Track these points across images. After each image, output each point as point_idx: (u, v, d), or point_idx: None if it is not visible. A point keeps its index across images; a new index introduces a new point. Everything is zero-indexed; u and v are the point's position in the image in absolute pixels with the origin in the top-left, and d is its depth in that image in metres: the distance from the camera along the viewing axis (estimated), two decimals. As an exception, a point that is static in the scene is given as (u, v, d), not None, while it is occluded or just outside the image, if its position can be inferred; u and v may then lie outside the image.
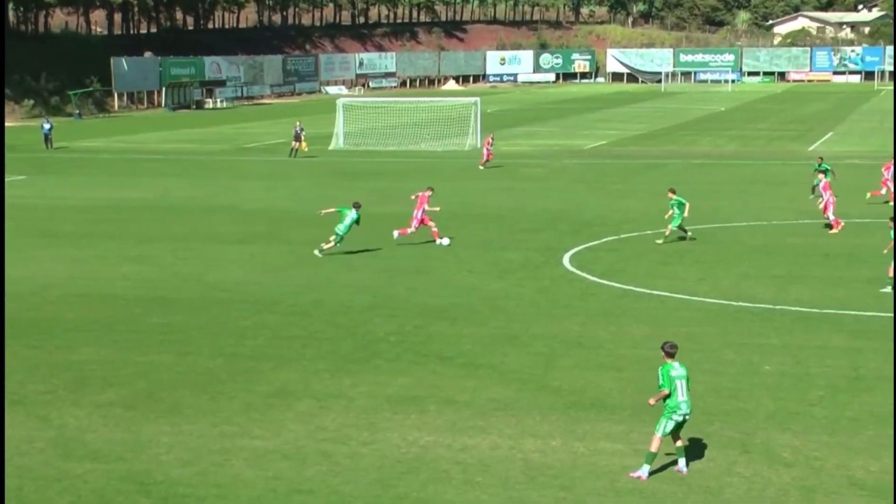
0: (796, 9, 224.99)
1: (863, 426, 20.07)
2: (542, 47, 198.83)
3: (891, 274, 30.83)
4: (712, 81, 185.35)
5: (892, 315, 27.73)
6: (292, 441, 19.59)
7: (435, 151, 74.78)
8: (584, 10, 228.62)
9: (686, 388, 18.18)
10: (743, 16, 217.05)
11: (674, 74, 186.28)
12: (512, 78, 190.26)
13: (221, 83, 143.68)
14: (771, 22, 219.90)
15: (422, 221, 38.77)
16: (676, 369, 18.17)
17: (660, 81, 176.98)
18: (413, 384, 22.94)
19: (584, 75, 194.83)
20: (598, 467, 18.41)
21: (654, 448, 18.14)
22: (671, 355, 18.24)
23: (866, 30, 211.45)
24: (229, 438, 19.73)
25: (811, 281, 32.61)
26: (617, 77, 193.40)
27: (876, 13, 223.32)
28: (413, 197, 39.88)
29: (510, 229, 42.54)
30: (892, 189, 47.91)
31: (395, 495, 17.28)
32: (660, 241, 38.59)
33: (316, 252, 37.04)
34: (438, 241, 38.87)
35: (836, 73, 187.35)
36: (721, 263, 35.35)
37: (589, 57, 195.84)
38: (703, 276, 33.37)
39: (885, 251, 32.70)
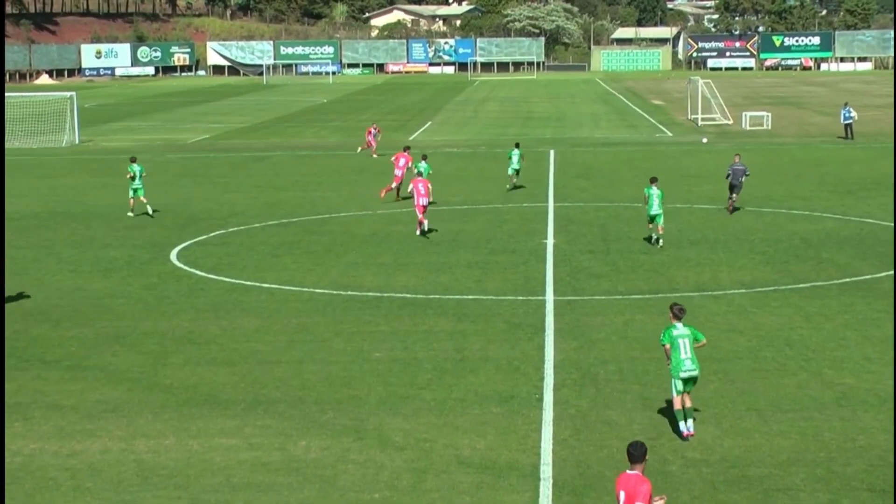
0: (391, 2, 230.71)
1: (468, 406, 20.79)
2: (140, 40, 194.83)
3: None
4: (314, 73, 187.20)
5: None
6: None
7: (30, 148, 71.91)
8: (182, 3, 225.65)
9: (689, 348, 19.06)
10: (340, 8, 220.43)
11: (275, 67, 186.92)
12: (109, 72, 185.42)
13: None
14: (367, 15, 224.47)
15: None
16: (679, 329, 19.16)
17: (262, 74, 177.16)
18: (15, 390, 21.96)
19: (184, 68, 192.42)
20: (213, 464, 18.22)
21: (677, 406, 19.04)
22: (677, 317, 19.20)
23: (458, 22, 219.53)
24: None
25: (416, 267, 33.48)
26: (218, 70, 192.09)
27: (466, 6, 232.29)
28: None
29: (113, 226, 41.48)
30: None
31: (0, 509, 16.47)
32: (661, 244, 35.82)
33: None
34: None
35: (431, 64, 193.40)
36: (330, 253, 35.76)
37: (189, 50, 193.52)
38: (313, 267, 33.65)
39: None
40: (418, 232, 38.18)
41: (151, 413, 20.71)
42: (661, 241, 35.61)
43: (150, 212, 43.18)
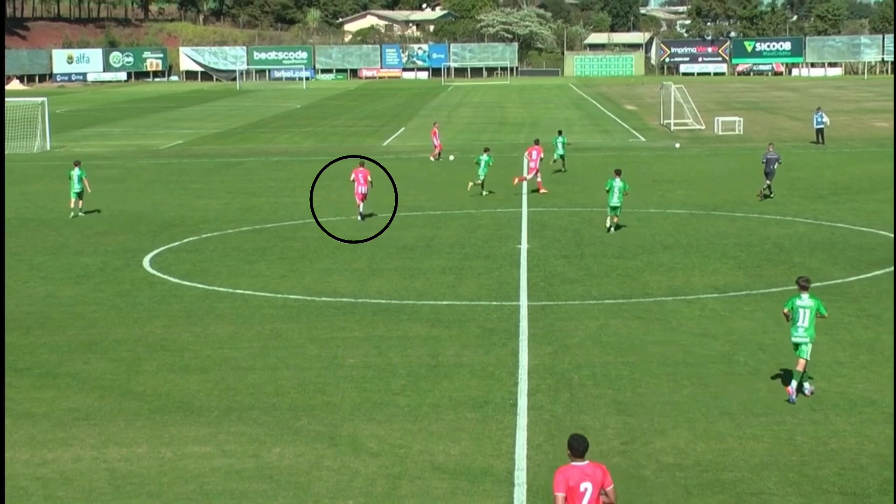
0: (364, 7, 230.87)
1: (443, 412, 20.77)
2: (112, 45, 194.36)
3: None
4: (287, 79, 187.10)
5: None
6: None
7: (2, 154, 71.54)
8: (154, 8, 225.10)
9: (809, 318, 20.85)
10: (313, 14, 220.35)
11: (249, 72, 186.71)
12: (81, 77, 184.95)
13: None
14: (341, 20, 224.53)
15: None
16: (803, 300, 20.97)
17: (235, 79, 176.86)
18: (-13, 399, 21.83)
19: (157, 74, 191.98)
20: (186, 471, 18.15)
21: (798, 367, 21.01)
22: (804, 288, 21.04)
23: (431, 28, 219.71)
24: None
25: (390, 273, 33.45)
26: (191, 75, 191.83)
27: (439, 12, 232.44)
28: None
29: (85, 233, 41.30)
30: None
31: (-28, 518, 16.38)
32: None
33: None
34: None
35: (405, 69, 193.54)
36: (304, 259, 35.69)
37: (161, 55, 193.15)
38: (287, 273, 33.57)
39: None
40: (359, 215, 42.54)
41: (124, 421, 20.61)
42: (612, 229, 39.11)
43: (80, 213, 44.90)
